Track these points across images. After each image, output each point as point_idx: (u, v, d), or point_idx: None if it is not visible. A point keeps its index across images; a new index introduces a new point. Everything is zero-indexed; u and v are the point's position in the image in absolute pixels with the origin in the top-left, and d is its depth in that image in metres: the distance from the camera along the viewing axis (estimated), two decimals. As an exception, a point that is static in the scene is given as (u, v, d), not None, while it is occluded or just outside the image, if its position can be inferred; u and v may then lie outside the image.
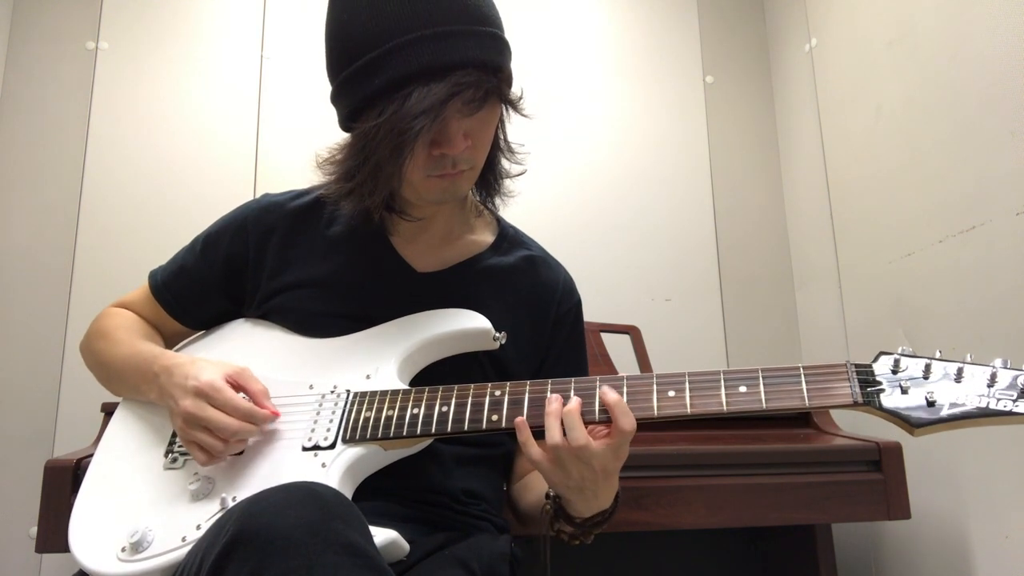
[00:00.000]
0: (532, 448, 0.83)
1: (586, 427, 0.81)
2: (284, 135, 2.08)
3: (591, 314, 1.32)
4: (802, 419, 1.63)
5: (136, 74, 2.06)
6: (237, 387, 0.90)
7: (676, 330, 2.13)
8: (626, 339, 1.85)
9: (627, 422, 0.81)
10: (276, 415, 0.90)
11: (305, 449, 0.87)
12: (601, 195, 2.19)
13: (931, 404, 0.74)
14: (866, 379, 0.78)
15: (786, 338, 2.20)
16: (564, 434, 0.81)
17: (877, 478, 1.36)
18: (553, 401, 0.82)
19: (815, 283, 2.13)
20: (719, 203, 2.25)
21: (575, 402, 0.82)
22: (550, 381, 0.87)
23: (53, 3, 2.06)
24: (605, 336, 1.82)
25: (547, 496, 0.93)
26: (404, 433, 0.87)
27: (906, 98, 1.73)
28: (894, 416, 0.75)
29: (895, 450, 1.37)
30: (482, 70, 0.86)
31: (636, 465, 1.35)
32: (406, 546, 0.81)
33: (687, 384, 0.83)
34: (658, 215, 2.20)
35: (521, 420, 0.84)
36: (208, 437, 0.86)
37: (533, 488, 1.04)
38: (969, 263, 1.53)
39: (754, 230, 2.25)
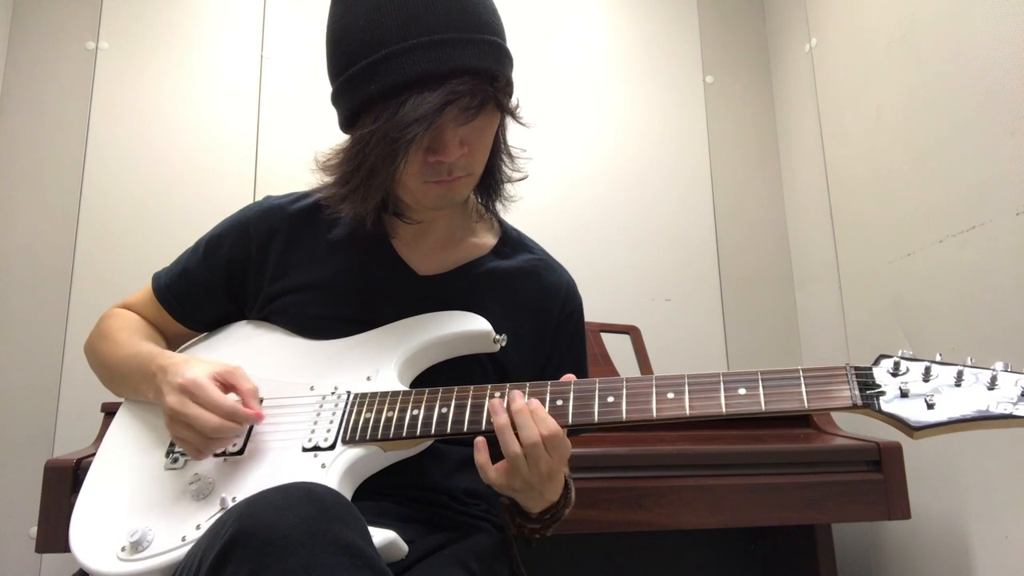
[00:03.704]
0: (490, 471, 0.85)
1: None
2: (284, 135, 2.08)
3: (591, 314, 1.32)
4: (802, 419, 1.63)
5: (136, 74, 2.06)
6: (227, 386, 0.90)
7: (676, 330, 2.13)
8: (626, 339, 1.86)
9: (545, 427, 0.82)
10: (261, 416, 0.90)
11: (305, 450, 0.87)
12: (601, 195, 2.19)
13: (931, 407, 0.74)
14: (866, 382, 0.78)
15: (786, 338, 2.20)
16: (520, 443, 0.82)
17: (877, 478, 1.37)
18: (500, 413, 0.84)
19: (815, 283, 2.13)
20: (719, 203, 2.25)
21: (520, 401, 0.84)
22: (549, 384, 0.87)
23: (53, 3, 2.06)
24: (605, 336, 1.82)
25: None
26: (404, 434, 0.87)
27: (906, 98, 1.73)
28: (894, 419, 0.75)
29: (895, 450, 1.38)
30: (478, 78, 0.85)
31: (636, 465, 1.35)
32: (404, 547, 0.81)
33: (686, 386, 0.83)
34: (658, 215, 2.20)
35: (481, 440, 0.85)
36: (190, 433, 0.86)
37: None
38: (969, 263, 1.53)
39: (754, 230, 2.25)
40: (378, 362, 0.95)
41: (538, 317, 1.08)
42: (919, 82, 1.68)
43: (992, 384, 0.73)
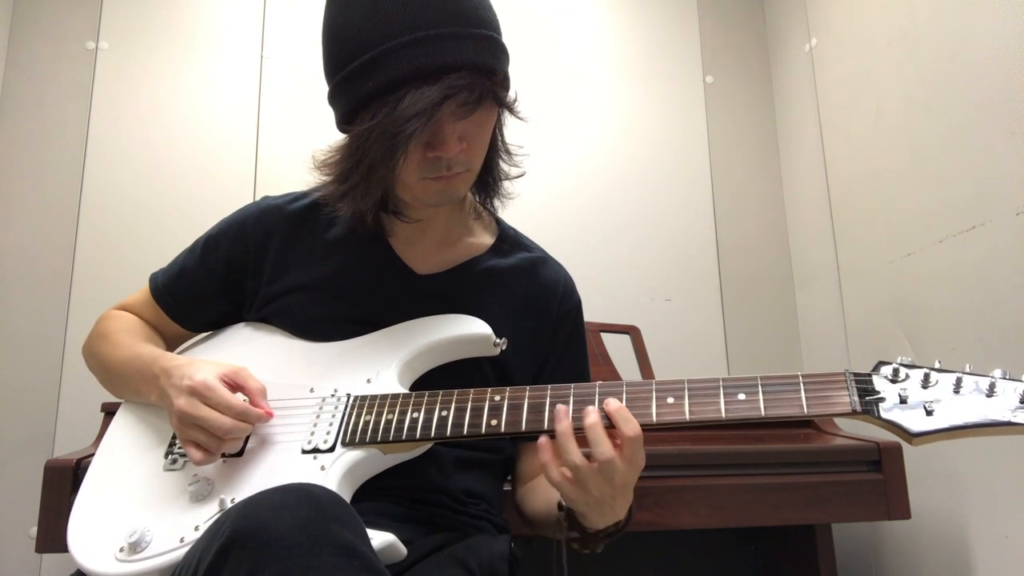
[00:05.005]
0: (553, 471, 0.82)
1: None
2: (284, 135, 2.08)
3: (591, 314, 1.31)
4: (802, 419, 1.63)
5: (136, 74, 2.06)
6: (235, 386, 0.90)
7: (676, 330, 2.13)
8: (626, 339, 1.85)
9: (630, 428, 0.79)
10: (270, 415, 0.90)
11: (304, 452, 0.87)
12: (601, 195, 2.19)
13: (930, 414, 0.74)
14: (865, 388, 0.78)
15: (786, 338, 2.20)
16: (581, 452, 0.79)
17: (877, 478, 1.37)
18: (563, 418, 0.81)
19: (815, 283, 2.13)
20: (719, 203, 2.25)
21: (595, 416, 0.81)
22: (549, 387, 0.87)
23: (53, 3, 2.06)
24: (605, 336, 1.82)
25: (560, 507, 0.91)
26: (403, 437, 0.87)
27: (906, 98, 1.73)
28: (893, 426, 0.75)
29: (895, 450, 1.38)
30: (476, 72, 0.85)
31: (636, 465, 1.35)
32: (403, 549, 0.81)
33: (686, 391, 0.83)
34: (658, 215, 2.20)
35: (545, 440, 0.82)
36: (202, 435, 0.86)
37: (540, 494, 1.03)
38: (969, 263, 1.52)
39: (754, 230, 2.25)
40: (378, 365, 0.95)
41: (536, 314, 1.08)
42: (919, 82, 1.68)
43: (991, 391, 0.73)
